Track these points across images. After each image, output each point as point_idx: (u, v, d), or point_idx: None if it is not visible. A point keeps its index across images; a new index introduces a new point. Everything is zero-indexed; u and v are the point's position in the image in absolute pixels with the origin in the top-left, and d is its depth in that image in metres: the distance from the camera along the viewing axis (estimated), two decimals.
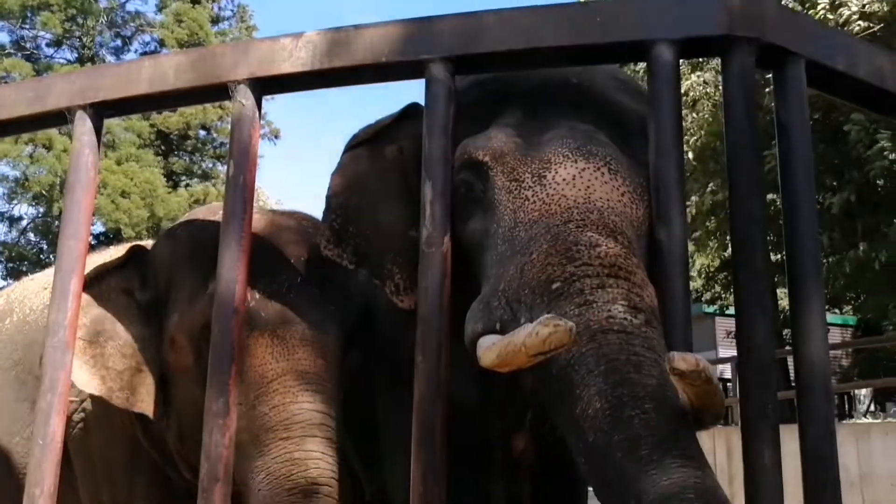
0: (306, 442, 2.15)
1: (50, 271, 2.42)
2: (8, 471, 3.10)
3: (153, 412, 2.43)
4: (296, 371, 2.22)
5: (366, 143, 2.25)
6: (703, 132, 11.83)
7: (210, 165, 26.57)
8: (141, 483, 2.72)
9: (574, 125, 1.92)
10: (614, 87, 2.10)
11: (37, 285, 3.37)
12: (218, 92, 1.84)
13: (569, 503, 2.45)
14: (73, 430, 2.86)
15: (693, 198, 12.22)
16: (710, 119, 11.54)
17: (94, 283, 2.49)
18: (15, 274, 24.47)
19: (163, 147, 25.84)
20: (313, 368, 2.24)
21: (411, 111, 2.22)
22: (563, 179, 1.78)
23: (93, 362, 2.44)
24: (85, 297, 2.27)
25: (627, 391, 1.45)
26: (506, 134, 1.94)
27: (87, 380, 2.42)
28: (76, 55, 24.61)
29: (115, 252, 2.91)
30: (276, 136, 26.23)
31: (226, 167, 1.79)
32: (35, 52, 24.43)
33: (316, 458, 2.15)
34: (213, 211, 2.66)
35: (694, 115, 11.84)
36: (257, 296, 2.18)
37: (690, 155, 11.67)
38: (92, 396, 2.78)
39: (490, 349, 1.54)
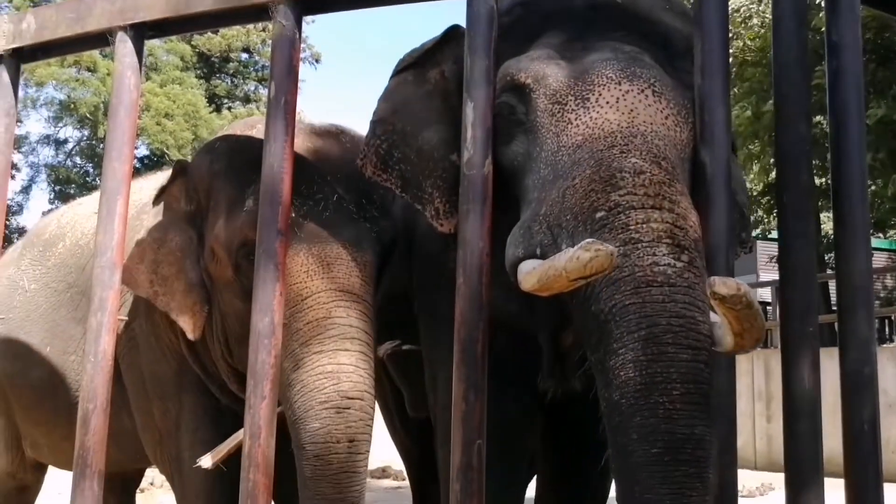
0: (339, 355, 2.19)
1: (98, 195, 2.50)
2: (64, 388, 3.23)
3: (196, 329, 2.52)
4: (330, 288, 2.24)
5: (410, 68, 2.25)
6: (750, 51, 11.48)
7: (252, 88, 26.51)
8: (189, 397, 2.82)
9: (618, 46, 1.88)
10: (660, 7, 2.06)
11: (87, 209, 3.45)
12: (258, 13, 1.82)
13: None
14: (124, 349, 2.97)
15: (736, 119, 11.94)
16: (760, 40, 11.17)
17: (161, 195, 2.63)
18: (62, 196, 24.95)
19: (205, 70, 25.81)
20: (348, 285, 2.26)
21: (454, 34, 2.20)
22: (607, 102, 1.76)
23: (144, 266, 2.56)
24: (155, 206, 2.50)
25: (661, 370, 1.48)
26: (548, 55, 1.92)
27: (139, 279, 2.56)
28: None
29: (160, 177, 3.02)
30: (318, 61, 26.00)
31: (267, 89, 1.79)
32: None
33: (348, 371, 2.19)
34: (249, 125, 2.70)
35: (742, 31, 11.47)
36: (293, 214, 2.20)
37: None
38: (142, 316, 2.88)
39: (531, 273, 1.55)
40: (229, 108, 25.72)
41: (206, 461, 2.37)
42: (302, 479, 2.16)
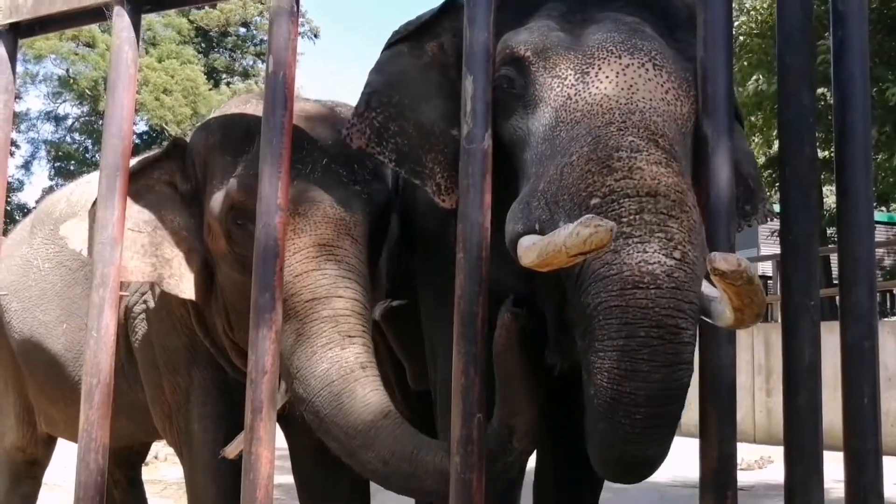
0: (332, 302, 2.18)
1: None
2: (80, 364, 3.27)
3: (198, 298, 2.53)
4: (318, 245, 2.23)
5: (406, 40, 2.21)
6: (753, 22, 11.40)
7: (251, 63, 26.40)
8: (199, 371, 2.85)
9: (619, 17, 1.86)
10: None
11: (97, 187, 3.47)
12: None
13: None
14: (135, 323, 3.00)
15: (739, 89, 11.88)
16: (764, 10, 11.08)
17: (139, 176, 2.55)
18: (62, 173, 24.93)
19: (203, 44, 25.67)
20: (336, 242, 2.25)
21: (452, 6, 2.16)
22: (607, 77, 1.75)
23: (143, 251, 2.52)
24: (132, 188, 2.30)
25: (631, 390, 1.52)
26: (548, 27, 1.89)
27: (138, 267, 2.51)
28: None
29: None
30: (316, 35, 25.84)
31: (265, 63, 1.77)
32: None
33: (345, 314, 2.17)
34: (243, 101, 2.70)
35: (747, 3, 11.38)
36: None
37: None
38: (152, 292, 2.91)
39: (530, 249, 1.54)
40: (228, 84, 25.62)
41: (229, 451, 2.37)
42: (317, 423, 2.12)
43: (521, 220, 1.68)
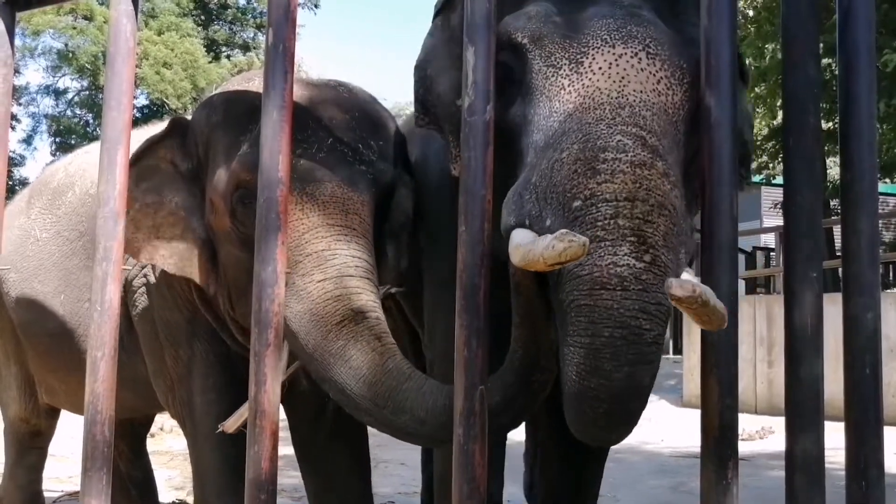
0: (344, 280, 2.20)
1: None
2: (79, 335, 3.29)
3: (201, 279, 2.54)
4: (326, 224, 2.25)
5: (440, 13, 2.30)
6: None
7: (251, 35, 26.22)
8: (200, 345, 2.87)
9: (614, 2, 1.89)
10: None
11: (95, 158, 3.46)
12: None
13: None
14: (136, 297, 3.01)
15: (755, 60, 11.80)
16: None
17: (143, 157, 2.59)
18: (64, 147, 24.85)
19: (202, 17, 25.46)
20: (343, 222, 2.27)
21: None
22: (600, 68, 1.80)
23: (145, 234, 2.55)
24: (133, 170, 2.34)
25: (594, 385, 1.61)
26: (546, 12, 1.93)
27: (140, 251, 2.55)
28: None
29: (161, 127, 3.00)
30: (316, 6, 25.64)
31: (265, 35, 1.75)
32: None
33: (357, 291, 2.19)
34: (246, 79, 2.71)
35: None
36: None
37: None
38: (154, 267, 2.92)
39: (516, 250, 1.61)
40: (228, 57, 25.47)
41: (229, 425, 2.39)
42: (344, 399, 2.15)
43: (514, 213, 1.75)
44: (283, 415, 3.12)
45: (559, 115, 1.80)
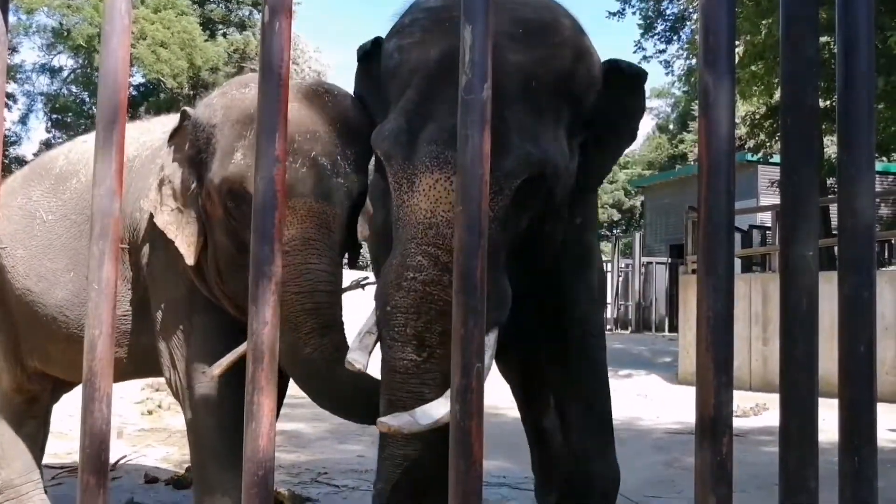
0: (316, 296, 2.62)
1: None
2: (83, 311, 3.43)
3: (190, 255, 2.95)
4: (303, 237, 2.63)
5: (360, 61, 2.80)
6: None
7: (247, 14, 26.06)
8: (199, 317, 3.17)
9: (444, 123, 2.24)
10: (507, 46, 2.41)
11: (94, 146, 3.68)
12: None
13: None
14: (145, 274, 3.39)
15: (744, 38, 11.73)
16: None
17: (169, 140, 3.10)
18: (60, 126, 24.72)
19: None
20: (318, 236, 2.65)
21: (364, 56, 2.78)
22: (423, 190, 2.26)
23: (160, 198, 3.04)
24: (165, 150, 3.05)
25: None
26: (397, 131, 2.36)
27: (154, 208, 3.05)
28: None
29: (166, 120, 3.69)
30: None
31: (261, 14, 1.74)
32: None
33: (326, 307, 2.65)
34: (243, 83, 3.07)
35: None
36: None
37: None
38: (160, 244, 3.11)
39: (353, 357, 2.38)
40: (224, 35, 25.29)
41: (213, 371, 2.71)
42: (310, 394, 2.77)
43: (380, 283, 2.44)
44: (281, 392, 3.15)
45: (400, 222, 2.33)
